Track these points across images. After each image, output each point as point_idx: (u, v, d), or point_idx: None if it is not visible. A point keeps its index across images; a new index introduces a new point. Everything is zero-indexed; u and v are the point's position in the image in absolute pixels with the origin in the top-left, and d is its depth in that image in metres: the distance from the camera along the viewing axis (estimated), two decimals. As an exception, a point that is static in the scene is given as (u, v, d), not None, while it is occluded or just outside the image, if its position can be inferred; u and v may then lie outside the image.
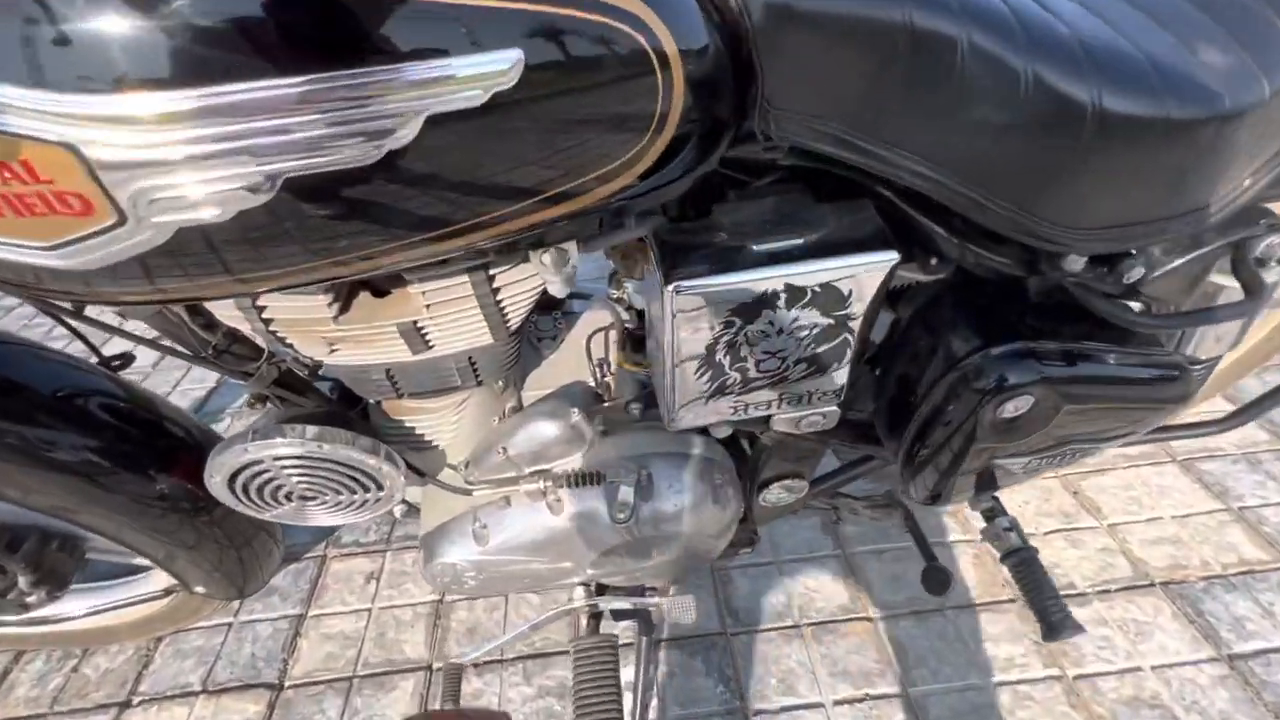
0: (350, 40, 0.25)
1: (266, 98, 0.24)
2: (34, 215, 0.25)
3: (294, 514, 0.56)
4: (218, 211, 0.27)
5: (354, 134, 0.26)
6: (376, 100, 0.26)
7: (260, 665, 0.89)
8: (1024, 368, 0.45)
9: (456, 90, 0.27)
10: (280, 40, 0.25)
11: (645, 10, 0.30)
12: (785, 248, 0.42)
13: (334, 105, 0.25)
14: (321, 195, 0.28)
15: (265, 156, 0.26)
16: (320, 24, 0.25)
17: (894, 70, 0.36)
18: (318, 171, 0.27)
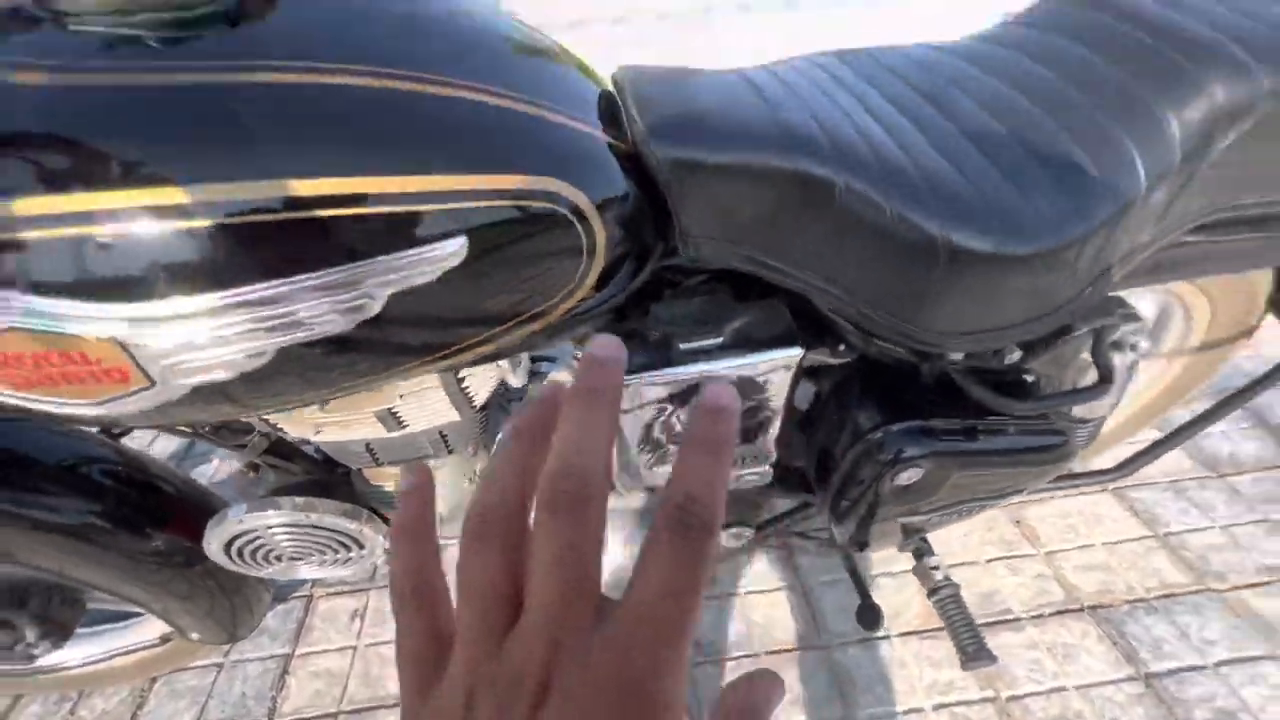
0: (330, 246, 0.32)
1: (274, 294, 0.31)
2: (83, 385, 0.32)
3: (284, 572, 0.62)
4: (228, 373, 0.33)
5: (333, 312, 0.33)
6: (349, 288, 0.33)
7: (250, 704, 0.94)
8: (917, 442, 0.53)
9: (412, 275, 0.34)
10: (284, 250, 0.32)
11: (558, 184, 0.37)
12: (706, 346, 0.50)
13: (319, 296, 0.32)
14: (309, 353, 0.35)
15: (269, 334, 0.33)
16: (308, 236, 0.32)
17: (788, 208, 0.44)
18: (307, 340, 0.34)
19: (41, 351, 0.30)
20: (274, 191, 0.31)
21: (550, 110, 0.39)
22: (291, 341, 0.33)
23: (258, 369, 0.33)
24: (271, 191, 0.31)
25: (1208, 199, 0.47)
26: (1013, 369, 0.56)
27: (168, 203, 0.29)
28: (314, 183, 0.31)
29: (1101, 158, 0.44)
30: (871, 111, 0.48)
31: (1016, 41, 0.53)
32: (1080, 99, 0.46)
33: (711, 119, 0.44)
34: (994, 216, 0.42)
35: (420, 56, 0.36)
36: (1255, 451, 1.19)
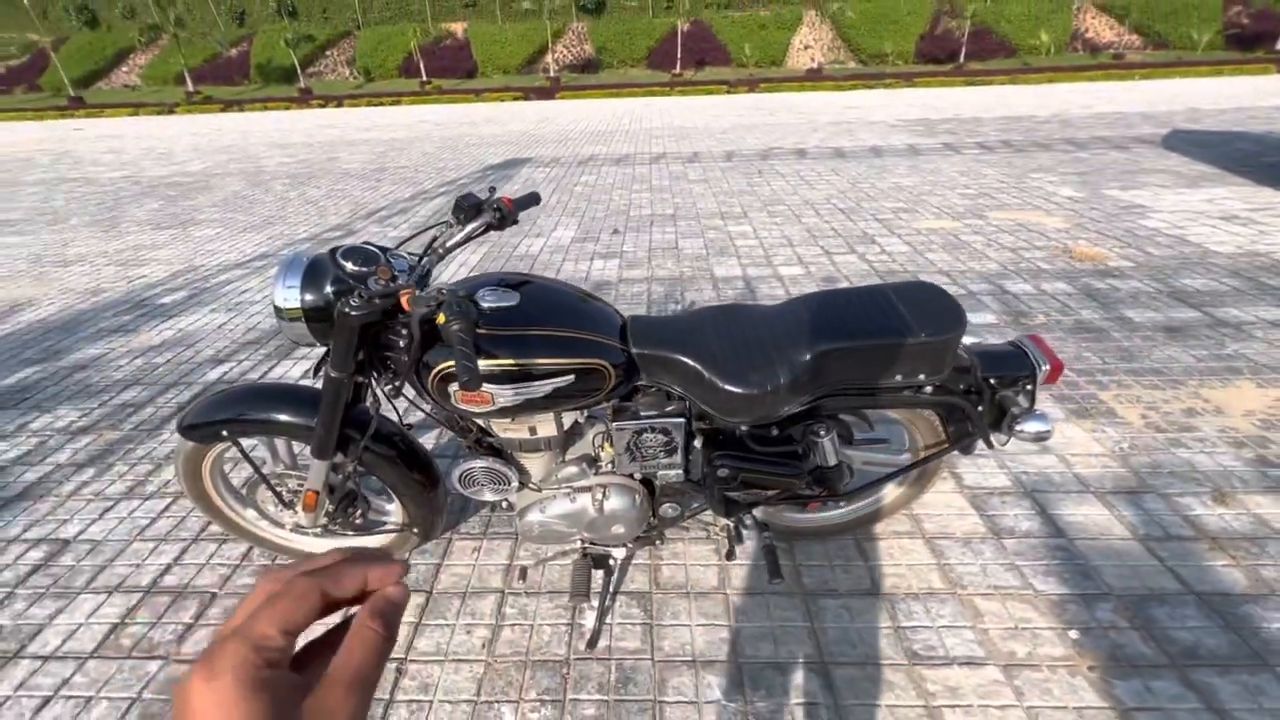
0: (544, 381, 1.22)
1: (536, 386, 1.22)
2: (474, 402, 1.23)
3: (478, 494, 1.50)
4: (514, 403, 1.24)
5: (539, 393, 1.22)
6: (546, 387, 1.22)
7: (421, 583, 1.80)
8: (728, 457, 1.37)
9: (560, 384, 1.23)
10: (537, 374, 1.22)
11: (601, 363, 1.27)
12: (651, 413, 1.37)
13: (544, 388, 1.22)
14: (533, 403, 1.24)
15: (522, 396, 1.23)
16: (545, 376, 1.22)
17: (684, 373, 1.32)
18: (533, 398, 1.24)
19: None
20: (536, 363, 1.21)
21: (603, 337, 1.28)
22: (533, 395, 1.21)
23: (534, 399, 1.22)
24: (536, 362, 1.21)
25: (825, 385, 1.32)
26: (772, 435, 1.39)
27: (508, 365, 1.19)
28: (547, 362, 1.21)
29: (780, 364, 1.29)
30: (719, 337, 1.35)
31: (783, 313, 1.40)
32: (782, 343, 1.32)
33: (656, 339, 1.32)
34: (748, 381, 1.27)
35: (568, 320, 1.26)
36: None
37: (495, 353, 1.20)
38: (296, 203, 6.70)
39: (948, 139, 8.86)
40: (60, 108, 21.98)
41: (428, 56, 24.67)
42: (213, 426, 1.47)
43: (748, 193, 6.21)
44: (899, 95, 16.73)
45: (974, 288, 3.65)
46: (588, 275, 4.13)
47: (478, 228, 1.36)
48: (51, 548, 1.99)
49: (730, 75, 22.67)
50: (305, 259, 1.23)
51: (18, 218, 6.61)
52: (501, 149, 9.97)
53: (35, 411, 2.79)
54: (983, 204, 5.39)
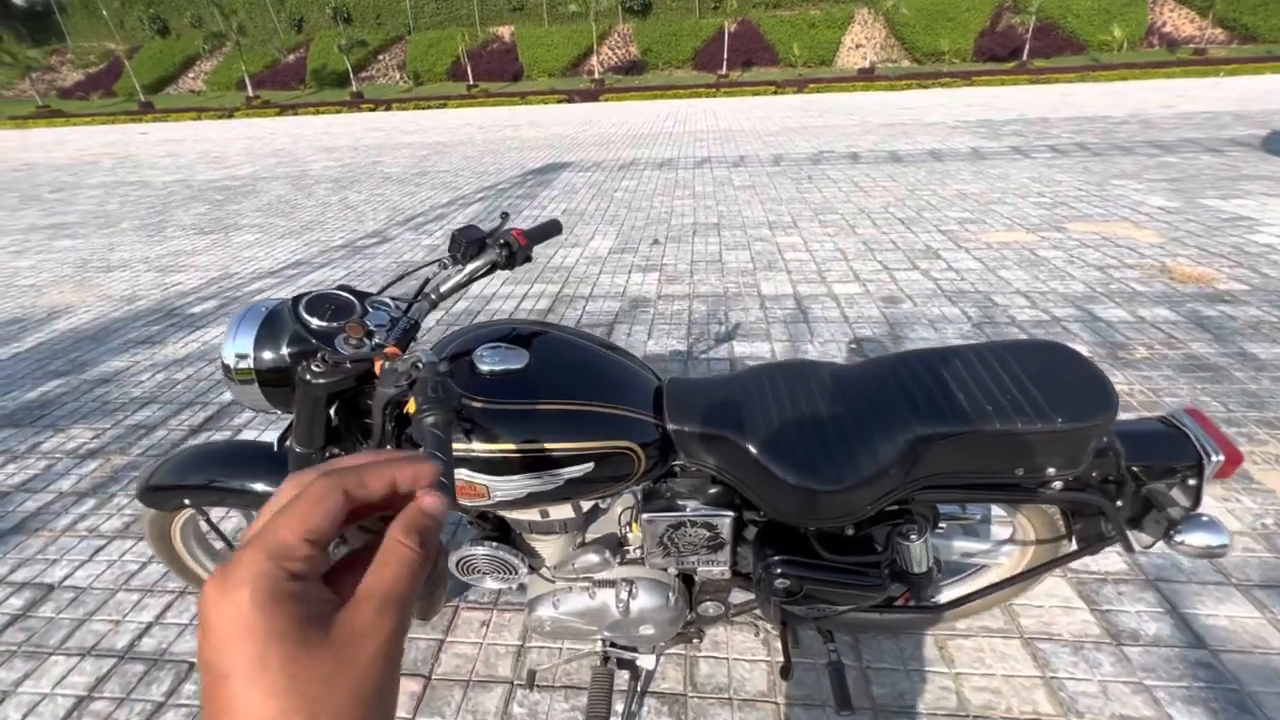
0: (557, 465, 0.95)
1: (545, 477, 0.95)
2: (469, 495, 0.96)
3: (478, 581, 1.24)
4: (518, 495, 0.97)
5: (549, 482, 0.95)
6: (558, 477, 0.95)
7: (419, 664, 1.56)
8: (788, 565, 1.06)
9: (576, 473, 0.96)
10: (552, 466, 0.96)
11: (629, 444, 0.99)
12: (692, 504, 1.08)
13: (554, 479, 0.95)
14: (546, 493, 0.98)
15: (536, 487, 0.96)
16: (557, 463, 0.96)
17: (729, 455, 1.03)
18: (547, 489, 0.97)
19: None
20: (543, 448, 0.95)
21: (631, 410, 1.01)
22: (541, 489, 0.95)
23: (541, 492, 0.96)
24: (543, 447, 0.95)
25: (924, 475, 1.01)
26: (847, 537, 1.09)
27: (514, 449, 0.94)
28: (560, 447, 0.95)
29: (862, 451, 0.99)
30: (779, 408, 1.05)
31: (860, 377, 1.09)
32: (864, 422, 1.01)
33: (697, 411, 1.04)
34: (821, 474, 0.97)
35: (586, 390, 0.99)
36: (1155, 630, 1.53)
37: (493, 433, 0.94)
38: (336, 208, 6.66)
39: (1014, 141, 8.26)
40: (131, 112, 23.06)
41: (475, 60, 24.92)
42: (175, 493, 1.25)
43: (797, 200, 5.84)
44: (957, 95, 15.93)
45: (1058, 312, 3.22)
46: (625, 290, 3.87)
47: (481, 268, 1.11)
48: (34, 594, 1.83)
49: (778, 76, 22.12)
50: (263, 308, 0.99)
51: (73, 221, 6.76)
52: (542, 153, 9.82)
53: (50, 430, 2.69)
54: (1060, 214, 4.90)
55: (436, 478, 0.32)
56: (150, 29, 29.51)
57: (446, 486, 0.70)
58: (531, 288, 3.98)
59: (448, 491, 0.69)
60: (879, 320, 3.26)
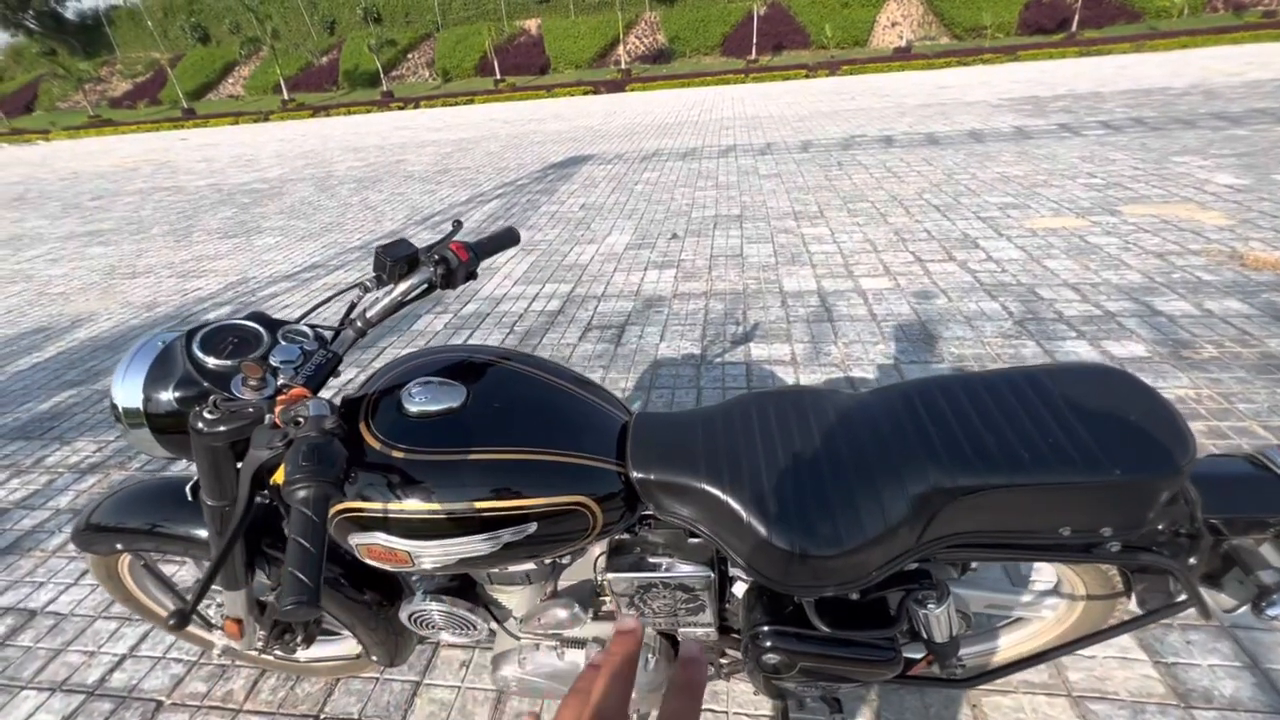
0: (493, 527, 0.80)
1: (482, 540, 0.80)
2: (389, 561, 0.82)
3: (432, 635, 1.11)
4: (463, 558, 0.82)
5: (487, 543, 0.80)
6: (495, 540, 0.80)
7: (391, 710, 1.44)
8: (779, 638, 0.89)
9: (518, 536, 0.81)
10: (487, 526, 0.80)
11: (583, 498, 0.83)
12: (663, 561, 0.91)
13: (491, 541, 0.80)
14: (484, 557, 0.83)
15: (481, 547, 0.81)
16: (491, 524, 0.80)
17: (703, 505, 0.86)
18: (483, 554, 0.82)
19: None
20: (474, 506, 0.79)
21: (585, 457, 0.85)
22: (474, 554, 0.80)
23: (474, 558, 0.81)
24: (474, 506, 0.79)
25: (943, 535, 0.82)
26: (851, 603, 0.90)
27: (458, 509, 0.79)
28: (493, 506, 0.79)
29: (868, 507, 0.80)
30: (766, 449, 0.88)
31: (868, 409, 0.91)
32: (870, 469, 0.83)
33: (666, 454, 0.87)
34: (814, 535, 0.79)
35: (531, 434, 0.84)
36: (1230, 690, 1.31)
37: (416, 489, 0.79)
38: (356, 208, 6.65)
39: (1063, 119, 7.75)
40: (174, 119, 23.83)
41: (502, 55, 24.93)
42: (106, 537, 1.15)
43: (825, 188, 5.56)
44: (1000, 71, 15.15)
45: (1112, 306, 2.93)
46: (639, 289, 3.70)
47: (414, 288, 0.95)
48: (17, 620, 1.78)
49: (809, 59, 21.47)
50: (159, 342, 0.86)
51: (108, 228, 6.93)
52: (565, 146, 9.68)
53: (56, 444, 2.68)
54: (1114, 197, 4.51)
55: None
56: (192, 37, 30.41)
57: (307, 587, 0.55)
58: (543, 288, 3.84)
59: (306, 597, 0.54)
60: (910, 318, 3.02)
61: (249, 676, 1.54)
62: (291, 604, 0.53)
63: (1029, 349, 2.64)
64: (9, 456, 2.61)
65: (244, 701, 1.48)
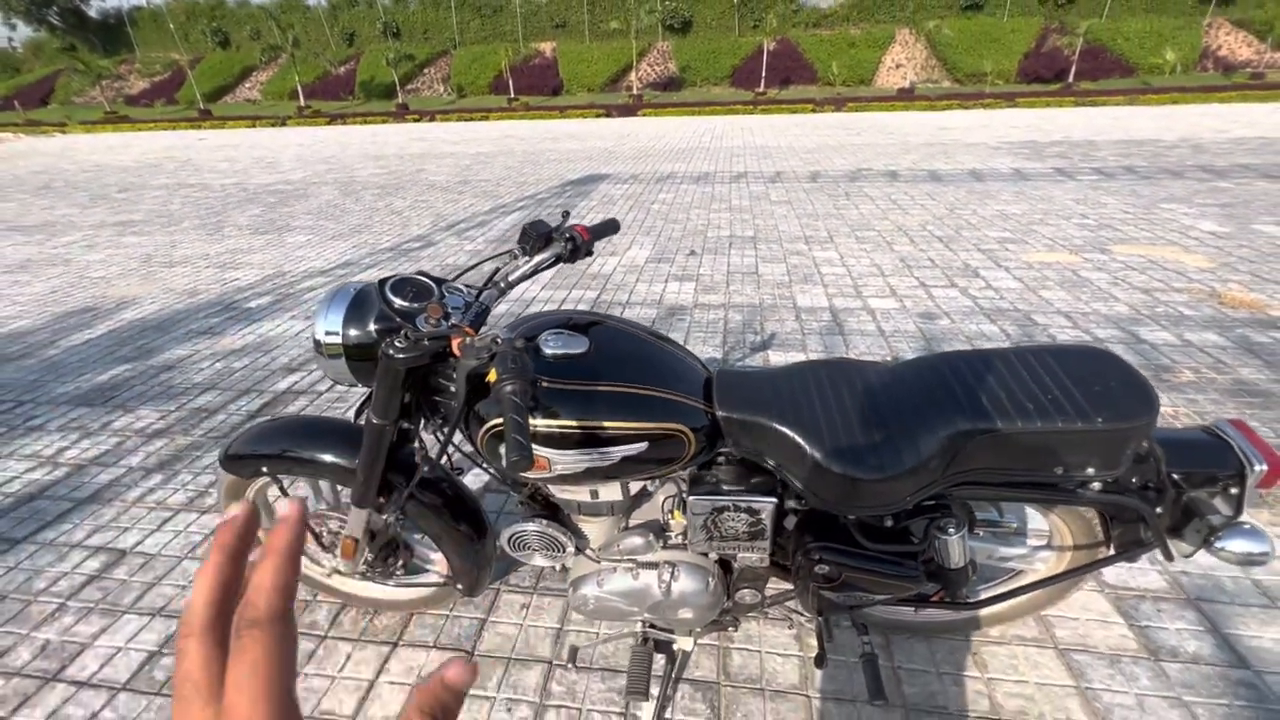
0: (615, 445, 1.02)
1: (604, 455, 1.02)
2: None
3: (528, 557, 1.31)
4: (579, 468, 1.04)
5: (602, 461, 1.02)
6: (610, 456, 1.02)
7: (462, 640, 1.63)
8: (828, 551, 1.11)
9: (630, 452, 1.02)
10: (605, 441, 1.02)
11: (681, 427, 1.05)
12: (737, 489, 1.13)
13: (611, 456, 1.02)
14: (599, 469, 1.04)
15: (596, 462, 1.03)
16: (614, 442, 1.02)
17: (775, 442, 1.08)
18: (602, 465, 1.03)
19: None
20: (601, 424, 1.01)
21: (683, 396, 1.07)
22: (597, 464, 1.02)
23: (597, 468, 1.02)
24: (601, 424, 1.01)
25: (963, 470, 1.04)
26: (885, 528, 1.13)
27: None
28: (617, 425, 1.01)
29: (904, 444, 1.03)
30: (822, 401, 1.10)
31: (903, 375, 1.14)
32: (906, 417, 1.05)
33: (743, 400, 1.09)
34: (863, 463, 1.02)
35: (642, 375, 1.06)
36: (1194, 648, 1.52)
37: (556, 410, 1.01)
38: (383, 213, 6.91)
39: (1059, 163, 8.15)
40: (191, 119, 24.21)
41: (517, 75, 25.55)
42: (254, 461, 1.35)
43: (834, 216, 5.86)
44: (999, 116, 15.75)
45: (1100, 333, 3.19)
46: (661, 298, 3.94)
47: (546, 260, 1.19)
48: (108, 558, 1.96)
49: (816, 94, 22.15)
50: (352, 289, 1.08)
51: (139, 219, 7.15)
52: (581, 164, 10.02)
53: (119, 411, 2.87)
54: (1104, 236, 4.83)
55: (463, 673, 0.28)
56: (212, 41, 31.00)
57: (523, 447, 0.77)
58: (570, 293, 4.08)
59: (525, 453, 0.76)
60: (915, 334, 3.27)
61: (330, 609, 1.73)
62: (515, 458, 0.75)
63: (1024, 367, 2.88)
64: (76, 420, 2.80)
65: (328, 629, 1.67)
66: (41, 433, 2.70)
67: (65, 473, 2.41)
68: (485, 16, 29.20)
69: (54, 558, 1.97)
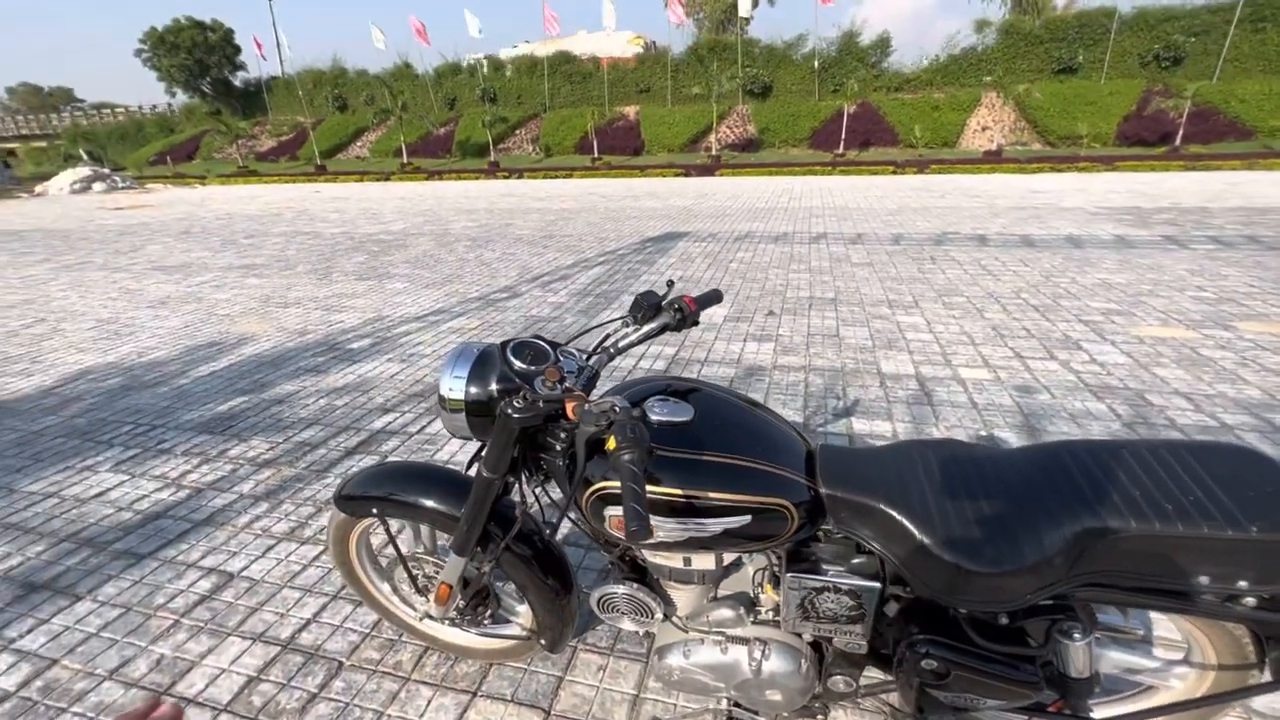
0: (714, 519, 1.02)
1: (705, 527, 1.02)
2: None
3: (614, 620, 1.31)
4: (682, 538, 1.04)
5: (705, 533, 1.02)
6: (710, 529, 1.02)
7: (539, 697, 1.62)
8: (936, 646, 1.04)
9: (732, 526, 1.02)
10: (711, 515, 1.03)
11: (784, 501, 1.03)
12: (838, 569, 1.10)
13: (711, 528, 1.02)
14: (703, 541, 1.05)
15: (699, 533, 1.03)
16: (712, 513, 1.03)
17: (883, 526, 1.05)
18: (703, 537, 1.03)
19: None
20: (707, 495, 1.02)
21: (787, 470, 1.06)
22: (699, 534, 1.02)
23: (699, 537, 1.03)
24: (707, 494, 1.02)
25: (1089, 570, 0.97)
26: (1000, 626, 1.05)
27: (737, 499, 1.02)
28: (722, 497, 1.02)
29: (1024, 537, 0.97)
30: (931, 484, 1.06)
31: (1017, 463, 1.08)
32: (1026, 508, 1.00)
33: (848, 477, 1.07)
34: (978, 555, 0.96)
35: (746, 446, 1.06)
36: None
37: (660, 478, 1.02)
38: (473, 264, 7.34)
39: (1168, 230, 7.66)
40: (308, 174, 26.87)
41: (601, 136, 26.92)
42: (365, 502, 1.44)
43: (919, 280, 5.73)
44: (1097, 179, 15.07)
45: (1229, 419, 2.91)
46: (739, 357, 3.94)
47: (654, 329, 1.23)
48: (219, 580, 2.11)
49: (897, 156, 22.03)
50: (475, 350, 1.16)
51: (260, 262, 7.91)
52: (661, 222, 10.32)
53: (235, 440, 3.12)
54: (1227, 312, 4.46)
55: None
56: (332, 105, 34.63)
57: (641, 516, 0.79)
58: (649, 348, 4.15)
59: (644, 523, 0.78)
60: (1012, 409, 3.09)
61: (414, 651, 1.77)
62: (635, 528, 0.77)
63: (1139, 451, 2.66)
64: (197, 446, 3.06)
65: (412, 671, 1.71)
66: (169, 455, 2.97)
67: (186, 495, 2.63)
68: (575, 83, 31.17)
69: (172, 575, 2.13)
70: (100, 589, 2.08)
